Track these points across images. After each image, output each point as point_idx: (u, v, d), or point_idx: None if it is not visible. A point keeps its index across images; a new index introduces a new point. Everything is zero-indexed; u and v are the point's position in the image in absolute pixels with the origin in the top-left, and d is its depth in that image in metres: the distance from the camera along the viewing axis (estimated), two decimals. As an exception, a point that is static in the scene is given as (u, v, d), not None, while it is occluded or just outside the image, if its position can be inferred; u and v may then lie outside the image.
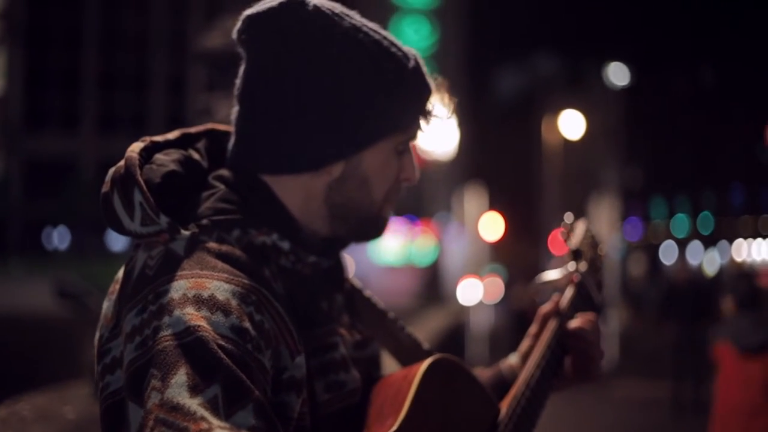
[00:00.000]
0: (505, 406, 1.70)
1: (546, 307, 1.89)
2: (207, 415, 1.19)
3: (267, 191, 1.52)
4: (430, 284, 28.40)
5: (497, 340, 21.41)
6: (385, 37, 1.57)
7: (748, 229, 58.31)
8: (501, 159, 50.11)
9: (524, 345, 1.92)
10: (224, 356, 1.24)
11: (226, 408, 1.21)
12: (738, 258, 53.93)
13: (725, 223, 60.06)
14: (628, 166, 54.43)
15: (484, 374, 1.88)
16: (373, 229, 1.62)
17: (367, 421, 1.56)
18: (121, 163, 1.42)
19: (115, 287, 1.48)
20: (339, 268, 1.66)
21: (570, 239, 1.97)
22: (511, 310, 21.84)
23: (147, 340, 1.28)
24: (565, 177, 44.71)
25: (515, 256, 38.75)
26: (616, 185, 34.83)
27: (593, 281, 1.95)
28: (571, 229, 1.99)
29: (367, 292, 1.83)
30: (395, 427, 1.45)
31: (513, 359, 1.93)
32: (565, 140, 32.42)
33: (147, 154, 1.48)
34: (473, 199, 21.91)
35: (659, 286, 22.37)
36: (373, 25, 1.58)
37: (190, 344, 1.25)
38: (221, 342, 1.26)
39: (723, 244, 59.23)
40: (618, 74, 50.58)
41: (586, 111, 27.38)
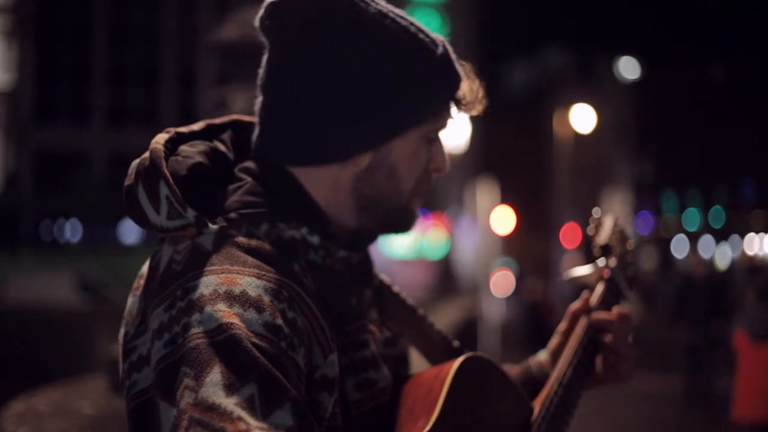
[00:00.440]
0: (537, 405, 1.66)
1: (576, 304, 1.85)
2: (244, 414, 1.16)
3: (294, 183, 1.49)
4: (442, 277, 28.38)
5: (508, 333, 21.42)
6: (412, 23, 1.52)
7: (759, 224, 58.10)
8: (512, 153, 50.05)
9: (553, 342, 1.88)
10: (259, 354, 1.21)
11: (263, 408, 1.18)
12: (750, 252, 53.75)
13: (737, 217, 59.86)
14: (640, 160, 54.34)
15: (512, 372, 1.84)
16: (402, 221, 1.58)
17: (397, 421, 1.52)
18: (146, 154, 1.39)
19: (139, 282, 1.44)
20: (367, 263, 1.62)
21: (599, 234, 1.94)
22: (522, 303, 21.84)
23: (177, 338, 1.25)
24: (576, 171, 44.65)
25: (526, 249, 38.71)
26: (628, 179, 34.77)
27: (623, 277, 1.90)
28: (600, 224, 1.96)
29: (396, 287, 1.79)
30: (428, 427, 1.42)
31: (542, 356, 1.89)
32: (576, 134, 32.38)
33: (172, 145, 1.45)
34: (485, 192, 21.90)
35: (672, 280, 22.30)
36: (400, 11, 1.53)
37: (223, 342, 1.21)
38: (255, 340, 1.23)
39: (734, 238, 59.06)
40: (629, 68, 50.43)
41: (597, 105, 27.34)
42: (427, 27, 1.54)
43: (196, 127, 1.52)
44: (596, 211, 1.98)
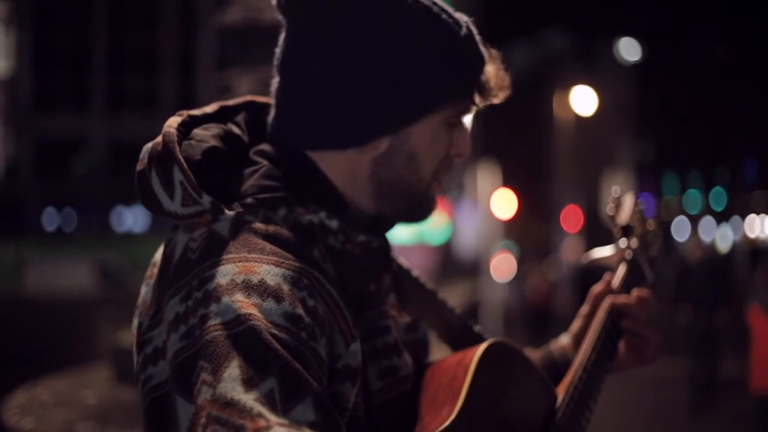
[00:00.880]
0: (561, 391, 1.62)
1: (598, 287, 1.81)
2: (264, 411, 1.11)
3: (312, 167, 1.43)
4: (443, 263, 28.39)
5: (510, 317, 21.46)
6: (435, 3, 1.46)
7: (761, 205, 58.17)
8: (513, 136, 50.05)
9: (575, 326, 1.83)
10: (279, 346, 1.17)
11: (283, 403, 1.13)
12: (751, 234, 53.86)
13: (738, 199, 59.94)
14: (641, 141, 54.36)
15: (533, 357, 1.78)
16: (421, 208, 1.52)
17: (420, 410, 1.48)
18: (159, 139, 1.34)
19: (153, 271, 1.40)
20: (386, 248, 1.57)
21: (619, 214, 1.88)
22: (523, 286, 21.87)
23: (193, 330, 1.20)
24: (577, 153, 44.63)
25: (527, 233, 38.75)
26: (629, 161, 34.75)
27: (645, 258, 1.85)
28: (619, 204, 1.90)
29: (415, 272, 1.74)
30: (453, 416, 1.37)
31: (564, 340, 1.85)
32: (577, 116, 32.33)
33: (185, 129, 1.39)
34: (486, 176, 21.86)
35: (673, 263, 22.31)
36: None
37: (241, 334, 1.17)
38: (274, 331, 1.18)
39: (736, 219, 59.17)
40: (630, 50, 50.35)
41: (598, 87, 27.27)
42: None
43: (209, 109, 1.47)
44: (615, 191, 1.93)
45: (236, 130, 1.46)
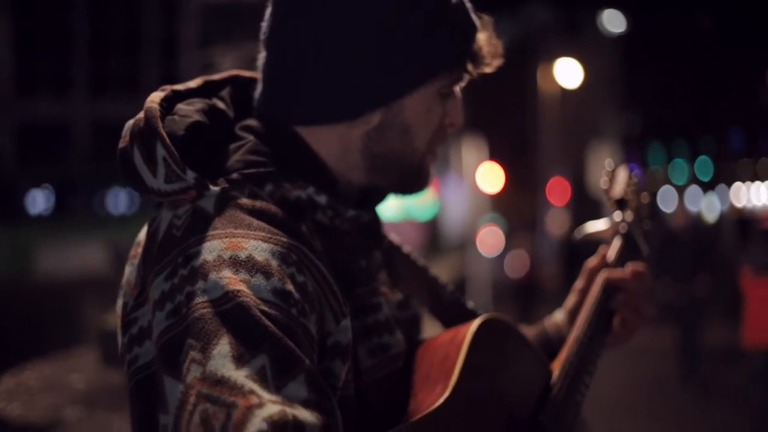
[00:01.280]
0: (556, 367, 1.61)
1: (593, 261, 1.79)
2: (256, 387, 1.09)
3: (300, 142, 1.41)
4: (431, 239, 28.41)
5: (499, 291, 21.49)
6: None
7: (747, 173, 58.34)
8: (499, 109, 49.95)
9: (570, 301, 1.82)
10: (269, 323, 1.14)
11: (275, 380, 1.11)
12: (738, 204, 54.07)
13: (724, 167, 60.08)
14: (626, 113, 54.31)
15: (528, 333, 1.75)
16: (416, 180, 1.50)
17: (413, 388, 1.46)
18: (141, 114, 1.32)
19: (137, 250, 1.37)
20: (376, 223, 1.55)
21: (612, 187, 1.86)
22: (512, 260, 21.89)
23: (180, 307, 1.18)
24: (562, 125, 44.55)
25: (514, 206, 38.74)
26: (615, 132, 34.75)
27: (640, 231, 1.84)
28: (613, 177, 1.88)
29: (406, 247, 1.71)
30: (447, 393, 1.34)
31: (558, 316, 1.83)
32: (562, 89, 32.30)
33: (168, 104, 1.37)
34: (471, 150, 21.85)
35: (660, 233, 22.39)
36: None
37: (230, 311, 1.14)
38: (264, 307, 1.16)
39: (722, 188, 59.31)
40: (614, 21, 50.27)
41: (583, 58, 27.24)
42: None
43: (193, 84, 1.45)
44: (609, 164, 1.91)
45: (221, 104, 1.44)
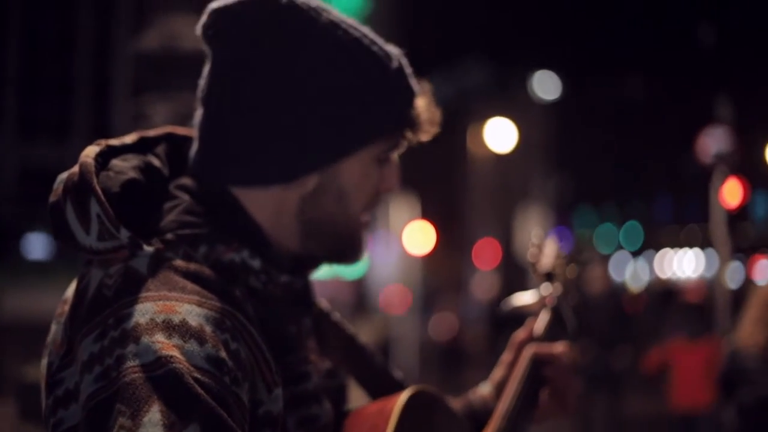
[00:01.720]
0: None
1: (521, 334, 1.78)
2: None
3: (235, 204, 1.39)
4: (357, 297, 28.23)
5: (426, 352, 21.34)
6: (366, 35, 1.44)
7: (674, 240, 59.30)
8: (430, 168, 50.25)
9: (497, 374, 1.80)
10: (202, 391, 1.11)
11: None
12: (663, 275, 55.11)
13: (652, 233, 61.03)
14: (557, 175, 55.03)
15: (453, 406, 1.71)
16: (350, 247, 1.49)
17: None
18: (75, 169, 1.28)
19: (63, 308, 1.34)
20: (308, 290, 1.53)
21: (540, 260, 1.85)
22: (439, 322, 21.77)
23: (110, 371, 1.14)
24: (493, 187, 44.82)
25: (443, 267, 38.83)
26: (545, 195, 35.01)
27: (567, 305, 1.83)
28: (541, 249, 1.87)
29: (335, 315, 1.69)
30: None
31: (485, 389, 1.81)
32: (493, 150, 32.49)
33: (103, 159, 1.34)
34: (402, 208, 21.77)
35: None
36: (353, 22, 1.45)
37: (162, 377, 1.11)
38: (197, 375, 1.13)
39: (649, 254, 60.19)
40: (546, 84, 50.97)
41: (514, 120, 27.43)
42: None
43: (129, 139, 1.42)
44: (536, 236, 1.91)
45: (156, 162, 1.42)
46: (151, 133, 1.47)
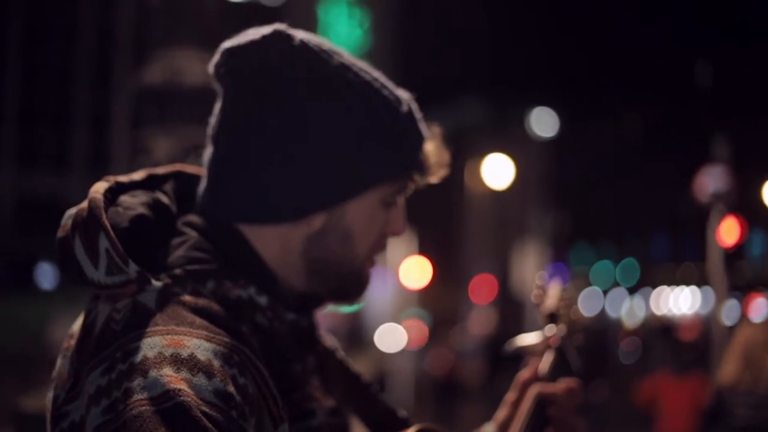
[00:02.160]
0: None
1: (525, 374, 1.76)
2: None
3: (242, 241, 1.41)
4: (354, 330, 28.16)
5: (421, 386, 21.27)
6: (376, 79, 1.45)
7: (670, 277, 59.17)
8: (427, 203, 50.19)
9: (501, 414, 1.77)
10: (209, 425, 1.12)
11: None
12: (658, 311, 55.07)
13: (648, 271, 60.90)
14: (554, 212, 55.04)
15: None
16: (354, 287, 1.50)
17: None
18: (84, 204, 1.28)
19: (69, 343, 1.34)
20: (313, 328, 1.53)
21: (544, 301, 1.86)
22: (435, 356, 21.70)
23: (117, 404, 1.14)
24: (490, 222, 44.87)
25: (440, 302, 38.79)
26: (542, 231, 35.02)
27: (571, 346, 1.82)
28: (545, 291, 1.88)
29: (340, 353, 1.69)
30: None
31: (489, 429, 1.78)
32: (490, 186, 32.59)
33: (111, 195, 1.35)
34: (399, 243, 21.81)
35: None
36: (364, 65, 1.47)
37: (170, 410, 1.11)
38: (205, 408, 1.13)
39: (646, 290, 60.07)
40: (542, 121, 51.13)
41: (511, 157, 27.52)
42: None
43: (137, 176, 1.43)
44: (540, 278, 1.92)
45: (165, 199, 1.43)
46: (160, 170, 1.49)
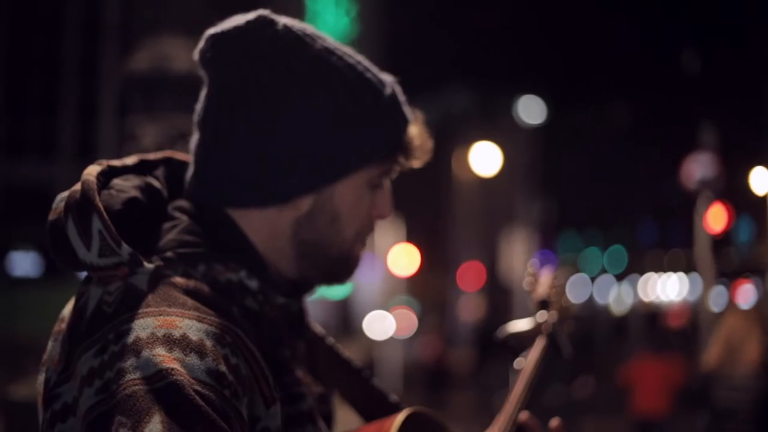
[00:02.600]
0: None
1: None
2: None
3: (232, 225, 1.41)
4: (342, 318, 28.19)
5: (409, 374, 21.33)
6: (360, 62, 1.47)
7: (658, 264, 59.26)
8: (415, 191, 50.25)
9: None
10: (203, 403, 1.13)
11: None
12: (646, 298, 55.19)
13: (636, 258, 61.00)
14: (541, 200, 55.06)
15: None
16: (343, 270, 1.51)
17: None
18: (77, 187, 1.29)
19: (60, 326, 1.34)
20: (303, 314, 1.54)
21: (536, 288, 1.89)
22: (424, 344, 21.76)
23: (110, 384, 1.16)
24: (477, 210, 44.90)
25: (428, 289, 38.85)
26: (529, 219, 35.06)
27: (563, 332, 1.85)
28: (536, 278, 1.92)
29: (330, 339, 1.69)
30: None
31: None
32: (478, 174, 32.61)
33: (104, 178, 1.36)
34: (386, 231, 21.84)
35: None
36: (347, 49, 1.48)
37: (163, 389, 1.13)
38: (197, 387, 1.15)
39: (633, 277, 60.20)
40: (530, 108, 51.09)
41: (499, 145, 27.54)
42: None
43: (129, 161, 1.44)
44: (532, 265, 1.95)
45: (156, 183, 1.44)
46: (151, 156, 1.49)
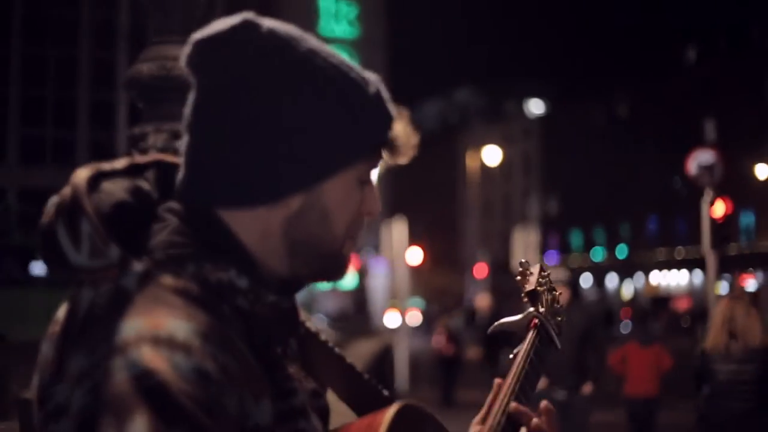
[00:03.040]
0: None
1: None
2: None
3: (220, 225, 1.41)
4: (356, 307, 28.44)
5: (416, 366, 21.69)
6: (343, 62, 1.48)
7: (663, 259, 58.83)
8: (423, 189, 50.21)
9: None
10: (188, 402, 1.16)
11: None
12: (650, 293, 54.81)
13: (641, 254, 60.77)
14: (548, 198, 54.87)
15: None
16: (335, 267, 1.51)
17: None
18: (67, 190, 1.33)
19: (54, 329, 1.34)
20: (295, 311, 1.52)
21: (527, 281, 1.89)
22: (432, 337, 22.09)
23: (98, 384, 1.18)
24: (484, 209, 45.01)
25: (436, 284, 38.77)
26: (536, 217, 35.03)
27: (553, 324, 1.84)
28: (527, 272, 1.92)
29: (323, 335, 1.68)
30: None
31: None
32: (485, 172, 32.86)
33: (94, 182, 1.37)
34: (397, 228, 22.03)
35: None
36: (331, 50, 1.49)
37: (149, 388, 1.15)
38: (183, 386, 1.17)
39: (638, 273, 59.83)
40: (537, 109, 50.99)
41: (506, 143, 27.90)
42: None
43: (119, 164, 1.44)
44: (524, 260, 1.95)
45: (146, 185, 1.44)
46: (141, 159, 1.49)
